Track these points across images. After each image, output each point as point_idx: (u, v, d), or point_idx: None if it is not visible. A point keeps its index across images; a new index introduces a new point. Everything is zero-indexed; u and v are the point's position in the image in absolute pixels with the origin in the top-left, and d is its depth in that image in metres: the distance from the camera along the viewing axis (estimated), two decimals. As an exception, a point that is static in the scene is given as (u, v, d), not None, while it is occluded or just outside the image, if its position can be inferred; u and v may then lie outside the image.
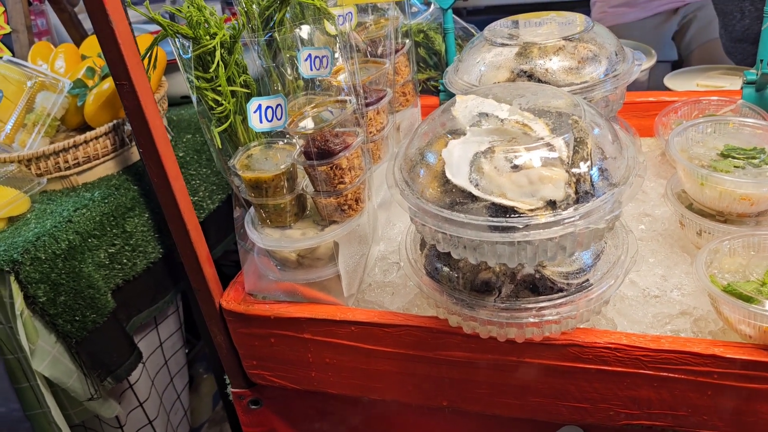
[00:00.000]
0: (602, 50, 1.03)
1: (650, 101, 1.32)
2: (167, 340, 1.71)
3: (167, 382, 1.75)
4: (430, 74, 1.49)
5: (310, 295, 0.98)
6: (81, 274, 1.32)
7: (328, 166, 0.89)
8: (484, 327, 0.86)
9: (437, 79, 1.47)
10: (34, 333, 1.27)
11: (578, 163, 0.77)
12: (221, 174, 1.68)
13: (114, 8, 0.79)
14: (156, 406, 1.67)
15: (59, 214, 1.34)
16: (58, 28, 2.22)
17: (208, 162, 1.66)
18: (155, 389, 1.67)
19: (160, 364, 1.70)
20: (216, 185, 1.67)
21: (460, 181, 0.77)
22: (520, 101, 0.85)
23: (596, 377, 0.86)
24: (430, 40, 1.46)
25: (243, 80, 0.93)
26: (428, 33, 1.45)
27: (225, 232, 1.73)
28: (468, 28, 1.52)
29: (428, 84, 1.50)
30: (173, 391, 1.78)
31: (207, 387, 2.18)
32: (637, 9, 2.22)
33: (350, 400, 1.07)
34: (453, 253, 0.81)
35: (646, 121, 1.30)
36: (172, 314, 1.71)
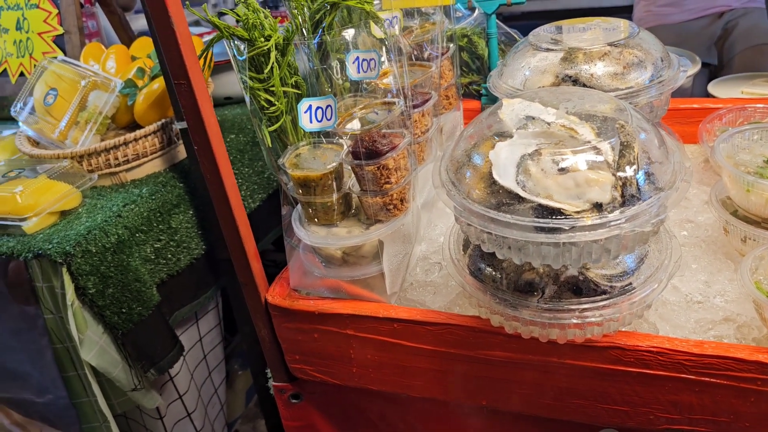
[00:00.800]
0: (648, 56, 1.03)
1: (694, 108, 1.32)
2: (206, 335, 1.75)
3: (205, 376, 1.78)
4: (472, 78, 1.51)
5: (353, 292, 1.00)
6: (128, 268, 1.36)
7: (375, 166, 0.92)
8: (526, 327, 0.87)
9: (479, 83, 1.49)
10: (83, 323, 1.31)
11: (624, 167, 0.78)
12: (263, 174, 1.72)
13: (176, 10, 0.82)
14: (194, 399, 1.71)
15: (109, 209, 1.38)
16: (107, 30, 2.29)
17: (250, 162, 1.70)
18: (194, 383, 1.71)
19: (199, 358, 1.74)
20: (257, 185, 1.71)
21: (507, 182, 0.78)
22: (566, 105, 0.87)
23: (637, 380, 0.87)
24: (474, 44, 1.47)
25: (294, 81, 0.95)
26: (472, 37, 1.46)
27: (264, 231, 1.76)
28: (511, 33, 1.53)
29: (470, 88, 1.52)
30: (211, 386, 1.82)
31: (241, 383, 2.22)
32: (682, 10, 2.19)
33: (389, 397, 1.09)
34: (498, 253, 0.82)
35: (689, 127, 1.30)
36: (211, 310, 1.75)
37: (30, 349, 1.43)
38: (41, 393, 1.49)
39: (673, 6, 2.21)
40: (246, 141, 1.69)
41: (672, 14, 2.21)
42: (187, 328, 1.65)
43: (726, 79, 1.62)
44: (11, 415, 1.62)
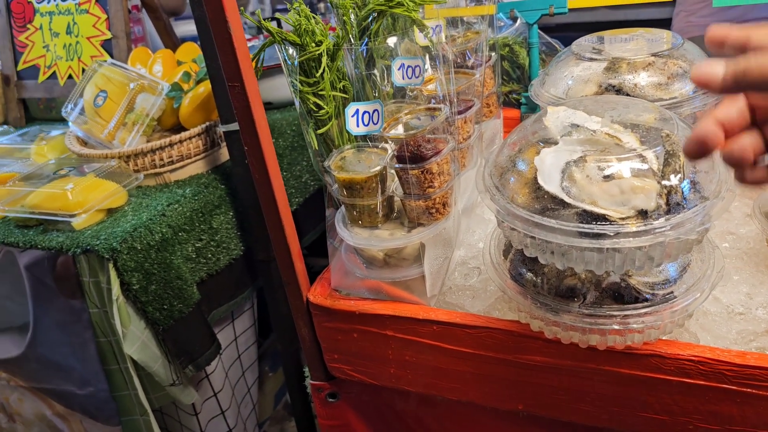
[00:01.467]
0: (692, 67, 1.04)
1: (737, 120, 1.31)
2: (242, 335, 1.78)
3: (239, 375, 1.82)
4: (512, 87, 1.52)
5: (393, 293, 1.02)
6: (171, 266, 1.40)
7: (419, 170, 0.93)
8: (566, 332, 0.87)
9: (519, 92, 1.50)
10: (126, 318, 1.35)
11: (669, 175, 0.78)
12: (300, 178, 1.75)
13: (233, 15, 0.85)
14: (228, 397, 1.74)
15: (154, 208, 1.43)
16: (152, 35, 2.35)
17: (289, 166, 1.74)
18: (228, 381, 1.74)
19: (233, 357, 1.77)
20: (295, 188, 1.74)
21: (552, 188, 0.79)
22: (611, 114, 0.88)
23: (677, 389, 0.87)
24: (515, 53, 1.49)
25: (342, 86, 0.98)
26: (513, 47, 1.48)
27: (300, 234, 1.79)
28: (552, 43, 1.54)
29: (510, 97, 1.53)
30: (244, 385, 1.85)
31: (271, 385, 2.25)
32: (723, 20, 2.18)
33: (425, 399, 1.10)
34: (540, 258, 0.83)
35: (731, 140, 1.29)
36: (247, 310, 1.79)
37: (74, 342, 1.48)
38: (83, 385, 1.53)
39: (714, 16, 2.20)
40: (285, 145, 1.72)
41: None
42: (224, 326, 1.68)
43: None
44: (53, 406, 1.66)
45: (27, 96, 2.16)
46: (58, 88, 2.07)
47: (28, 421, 1.76)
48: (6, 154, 1.78)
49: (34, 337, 1.55)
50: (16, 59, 2.15)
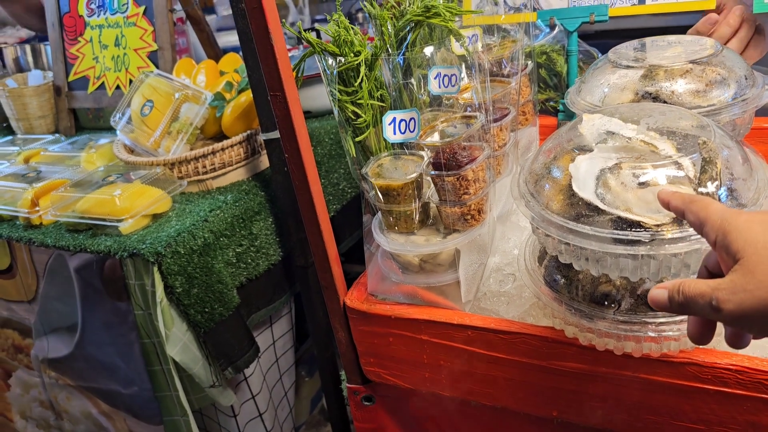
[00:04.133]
0: (731, 74, 1.03)
1: (779, 128, 1.30)
2: (279, 339, 1.82)
3: (277, 378, 1.85)
4: (549, 95, 1.53)
5: (429, 298, 1.04)
6: (212, 270, 1.44)
7: (455, 177, 0.95)
8: (601, 339, 0.88)
9: (556, 100, 1.51)
10: (170, 320, 1.39)
11: (706, 182, 0.78)
12: (338, 185, 1.78)
13: (275, 26, 0.88)
14: (266, 400, 1.77)
15: (197, 214, 1.47)
16: (195, 47, 2.42)
17: (326, 174, 1.77)
18: (266, 384, 1.77)
19: (271, 361, 1.81)
20: (332, 195, 1.77)
21: (587, 194, 0.80)
22: (647, 121, 0.88)
23: (714, 399, 0.86)
24: (552, 61, 1.49)
25: (380, 95, 1.00)
26: (550, 54, 1.48)
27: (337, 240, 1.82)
28: (590, 50, 1.54)
29: (547, 105, 1.54)
30: (281, 389, 1.88)
31: (307, 390, 2.27)
32: None
33: (459, 404, 1.11)
34: (575, 264, 0.84)
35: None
36: (285, 315, 1.82)
37: (120, 342, 1.53)
38: (127, 385, 1.59)
39: None
40: (323, 153, 1.75)
41: None
42: (262, 331, 1.72)
43: (813, 99, 1.57)
44: (99, 404, 1.72)
45: (77, 106, 2.25)
46: (106, 99, 2.14)
47: (75, 418, 1.82)
48: (57, 161, 1.85)
49: (82, 338, 1.61)
50: (67, 71, 2.24)
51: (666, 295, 0.65)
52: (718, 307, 0.59)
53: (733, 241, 0.60)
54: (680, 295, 0.63)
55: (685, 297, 0.63)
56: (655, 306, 0.67)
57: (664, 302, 0.66)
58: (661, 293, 0.66)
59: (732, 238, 0.60)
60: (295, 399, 2.05)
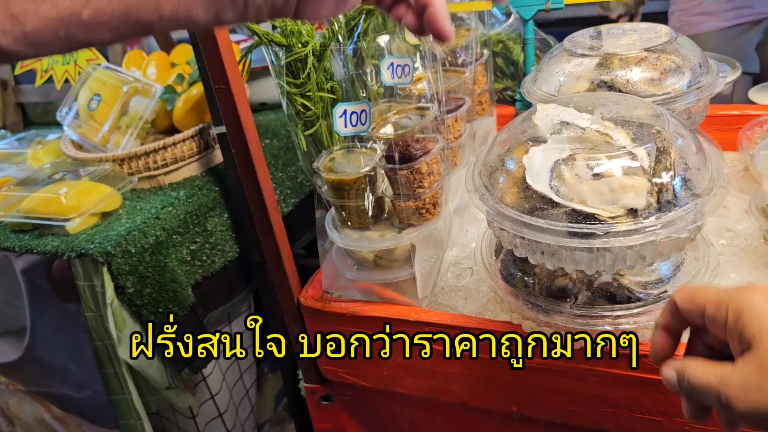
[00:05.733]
0: (686, 62, 1.02)
1: (734, 114, 1.30)
2: (239, 337, 1.78)
3: (237, 377, 1.81)
4: (506, 84, 1.51)
5: (385, 295, 1.01)
6: (165, 269, 1.39)
7: (408, 171, 0.92)
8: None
9: (514, 89, 1.49)
10: (121, 322, 1.35)
11: (660, 172, 0.77)
12: (295, 179, 1.74)
13: (216, 16, 0.84)
14: (226, 400, 1.74)
15: (148, 211, 1.42)
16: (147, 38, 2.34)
17: (284, 167, 1.73)
18: (226, 383, 1.74)
19: (231, 359, 1.77)
20: (290, 189, 1.73)
21: (541, 187, 0.78)
22: (601, 111, 0.86)
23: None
24: (509, 50, 1.47)
25: (330, 86, 0.97)
26: (507, 43, 1.46)
27: (297, 235, 1.79)
28: (547, 39, 1.52)
29: (504, 94, 1.52)
30: (242, 387, 1.85)
31: (271, 387, 2.24)
32: (715, 18, 2.16)
33: (419, 401, 1.09)
34: (530, 258, 0.82)
35: (728, 134, 1.28)
36: (244, 312, 1.78)
37: (71, 345, 1.48)
38: (80, 388, 1.53)
39: (707, 15, 2.18)
40: (280, 146, 1.71)
41: (706, 22, 2.18)
42: (221, 329, 1.68)
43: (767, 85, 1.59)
44: (51, 409, 1.66)
45: (24, 100, 2.16)
46: (55, 92, 2.07)
47: (27, 424, 1.76)
48: (3, 158, 1.78)
49: (31, 341, 1.55)
50: (13, 64, 2.15)
51: (675, 379, 0.57)
52: (728, 405, 0.51)
53: (747, 325, 0.51)
54: (686, 382, 0.55)
55: (690, 385, 0.54)
56: (670, 389, 0.58)
57: (675, 386, 0.57)
58: (671, 375, 0.57)
59: (746, 320, 0.52)
60: (257, 397, 2.02)
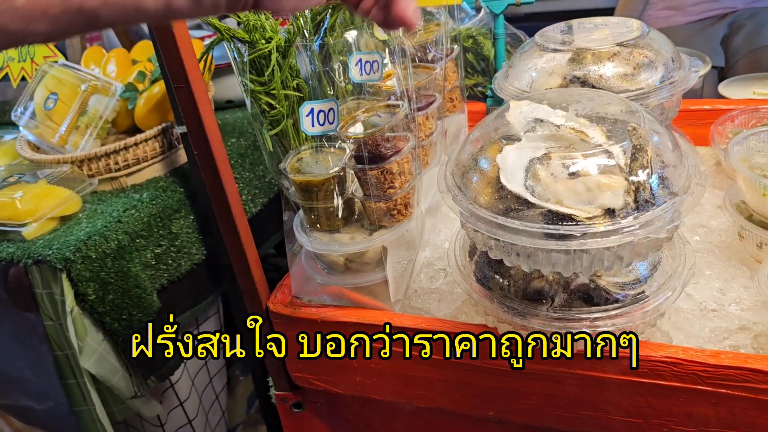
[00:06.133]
0: (658, 56, 1.01)
1: (705, 109, 1.29)
2: (208, 341, 1.73)
3: (207, 382, 1.76)
4: (477, 80, 1.48)
5: (356, 299, 0.98)
6: (129, 274, 1.34)
7: (378, 171, 0.89)
8: (535, 336, 0.84)
9: (485, 85, 1.46)
10: (82, 330, 1.29)
11: (637, 170, 0.75)
12: (264, 178, 1.70)
13: (173, 11, 0.80)
14: (195, 406, 1.69)
15: (109, 214, 1.36)
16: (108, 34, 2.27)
17: (252, 166, 1.68)
18: (195, 389, 1.69)
19: (200, 364, 1.72)
20: (259, 189, 1.69)
21: (515, 187, 0.76)
22: (576, 107, 0.84)
23: (651, 392, 0.84)
24: (479, 45, 1.45)
25: (296, 84, 0.93)
26: (477, 38, 1.44)
27: (266, 235, 1.74)
28: (517, 33, 1.50)
29: (475, 90, 1.49)
30: (212, 392, 1.80)
31: (242, 389, 2.20)
32: (682, 13, 2.18)
33: (393, 407, 1.07)
34: (506, 260, 0.79)
35: (700, 129, 1.27)
36: (212, 315, 1.73)
37: (30, 355, 1.42)
38: (42, 400, 1.47)
39: (674, 9, 2.20)
40: (247, 145, 1.67)
41: (673, 17, 2.19)
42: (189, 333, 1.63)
43: (737, 79, 1.59)
44: (12, 422, 1.60)
45: (-22, 99, 2.07)
46: (11, 91, 1.99)
47: (-13, 438, 1.69)
48: (-44, 161, 1.70)
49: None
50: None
51: None
52: None
53: None
54: None
55: None
56: None
57: None
58: None
59: None
60: (229, 399, 1.97)
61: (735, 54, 2.12)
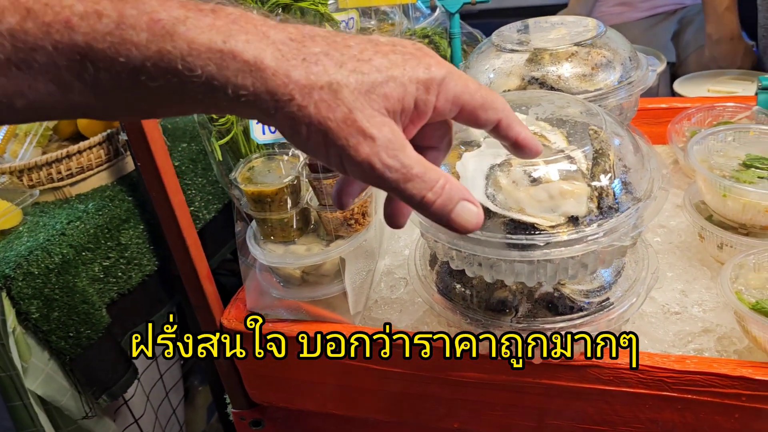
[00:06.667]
0: (616, 56, 0.99)
1: (662, 108, 1.29)
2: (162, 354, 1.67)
3: (162, 396, 1.70)
4: (435, 81, 1.45)
5: (314, 312, 0.94)
6: (75, 289, 1.28)
7: (334, 179, 0.85)
8: (499, 347, 0.82)
9: (442, 86, 1.44)
10: (26, 350, 1.22)
11: (599, 176, 0.73)
12: (218, 183, 1.64)
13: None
14: (151, 421, 1.63)
15: (52, 227, 1.29)
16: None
17: (204, 171, 1.62)
18: (150, 405, 1.63)
19: (155, 378, 1.66)
20: (212, 195, 1.63)
21: (476, 195, 0.73)
22: (536, 110, 0.82)
23: (617, 399, 0.83)
24: (435, 45, 1.41)
25: (245, 89, 0.89)
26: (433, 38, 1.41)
27: (222, 241, 1.69)
28: (473, 33, 1.48)
29: (433, 91, 1.46)
30: (169, 406, 1.74)
31: (202, 399, 2.14)
32: (633, 9, 2.20)
33: (356, 421, 1.03)
34: (468, 270, 0.77)
35: (657, 128, 1.27)
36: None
37: (-30, 379, 1.33)
38: (-16, 425, 1.40)
39: (625, 5, 2.22)
40: (199, 150, 1.61)
41: (624, 13, 2.22)
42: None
43: (692, 77, 1.61)
44: (-48, 449, 1.51)
45: None
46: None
47: (-72, 465, 1.60)
48: None
49: (-76, 376, 1.39)
50: None
51: None
52: None
53: None
54: None
55: None
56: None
57: None
58: None
59: None
60: (188, 411, 1.91)
61: (686, 49, 2.15)
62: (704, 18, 1.88)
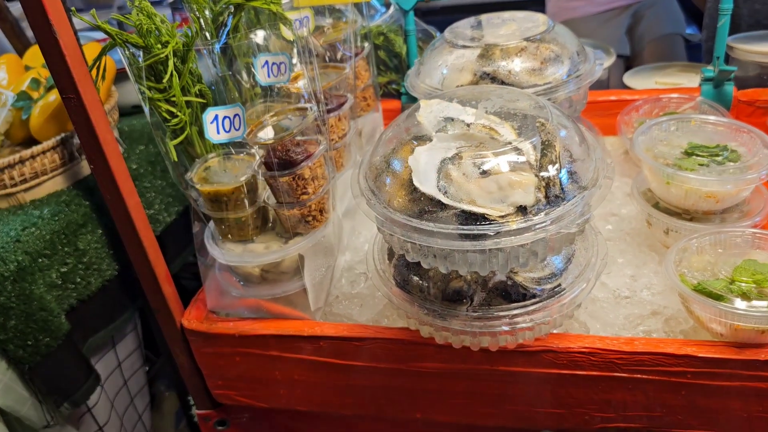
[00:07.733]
0: (564, 50, 1.02)
1: (612, 100, 1.33)
2: (126, 359, 1.64)
3: (128, 403, 1.68)
4: (391, 77, 1.47)
5: (275, 310, 0.95)
6: (32, 297, 1.26)
7: (290, 177, 0.86)
8: (456, 337, 0.83)
9: (399, 82, 1.45)
10: (-18, 361, 1.20)
11: (547, 166, 0.75)
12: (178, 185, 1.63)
13: (57, 17, 0.74)
14: (117, 428, 1.61)
15: (6, 234, 1.27)
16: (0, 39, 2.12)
17: (163, 173, 1.61)
18: (115, 412, 1.60)
19: (119, 385, 1.63)
20: (172, 197, 1.62)
21: (428, 188, 0.74)
22: (485, 105, 0.84)
23: (571, 382, 0.85)
24: (390, 42, 1.43)
25: (198, 90, 0.89)
26: (388, 35, 1.42)
27: (183, 244, 1.67)
28: (428, 29, 1.50)
29: (389, 87, 1.48)
30: (134, 412, 1.72)
31: (169, 405, 2.12)
32: (588, 4, 2.25)
33: (321, 417, 1.04)
34: (423, 262, 0.78)
35: (608, 119, 1.30)
36: (130, 332, 1.65)
37: (-75, 392, 1.30)
38: (-59, 438, 1.36)
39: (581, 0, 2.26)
40: (157, 152, 1.59)
41: (581, 8, 2.26)
42: (104, 354, 1.54)
43: (640, 69, 1.65)
44: None
45: None
46: None
47: None
48: None
49: None
50: None
51: None
52: None
53: None
54: None
55: None
56: None
57: None
58: None
59: None
60: (155, 417, 1.89)
61: (639, 43, 2.21)
62: None
